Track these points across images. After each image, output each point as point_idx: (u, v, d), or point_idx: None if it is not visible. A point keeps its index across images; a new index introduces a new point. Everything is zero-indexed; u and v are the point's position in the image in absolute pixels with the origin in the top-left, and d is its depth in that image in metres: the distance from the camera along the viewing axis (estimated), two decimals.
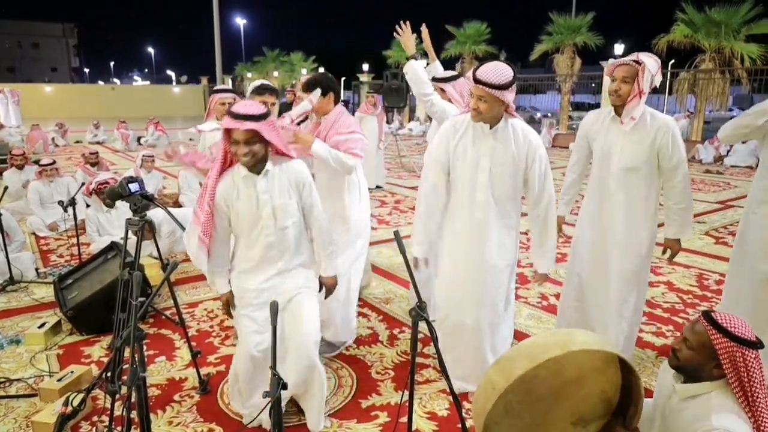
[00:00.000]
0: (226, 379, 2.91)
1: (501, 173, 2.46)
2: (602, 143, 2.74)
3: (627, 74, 2.52)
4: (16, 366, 3.08)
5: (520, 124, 2.48)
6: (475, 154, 2.46)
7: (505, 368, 1.69)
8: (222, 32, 19.00)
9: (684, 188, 2.69)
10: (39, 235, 5.87)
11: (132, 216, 2.67)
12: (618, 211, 2.73)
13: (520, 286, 4.35)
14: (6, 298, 4.09)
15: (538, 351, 1.66)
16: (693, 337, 1.67)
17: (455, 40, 21.12)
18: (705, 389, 1.67)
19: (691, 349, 1.67)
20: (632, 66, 2.51)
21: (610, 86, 2.60)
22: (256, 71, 34.55)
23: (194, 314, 3.81)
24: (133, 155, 11.92)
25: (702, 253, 5.30)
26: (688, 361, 1.68)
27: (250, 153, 2.13)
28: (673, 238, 2.83)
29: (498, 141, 2.44)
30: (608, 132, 2.71)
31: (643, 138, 2.61)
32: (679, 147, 2.62)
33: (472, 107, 2.36)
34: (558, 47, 18.22)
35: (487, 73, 2.26)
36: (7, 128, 15.88)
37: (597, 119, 2.80)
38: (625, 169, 2.66)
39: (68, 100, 31.23)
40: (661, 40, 15.03)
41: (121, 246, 3.75)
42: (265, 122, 2.11)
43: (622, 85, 2.54)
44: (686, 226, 2.79)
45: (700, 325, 1.68)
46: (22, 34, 64.77)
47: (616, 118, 2.67)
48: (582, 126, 2.89)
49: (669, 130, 2.58)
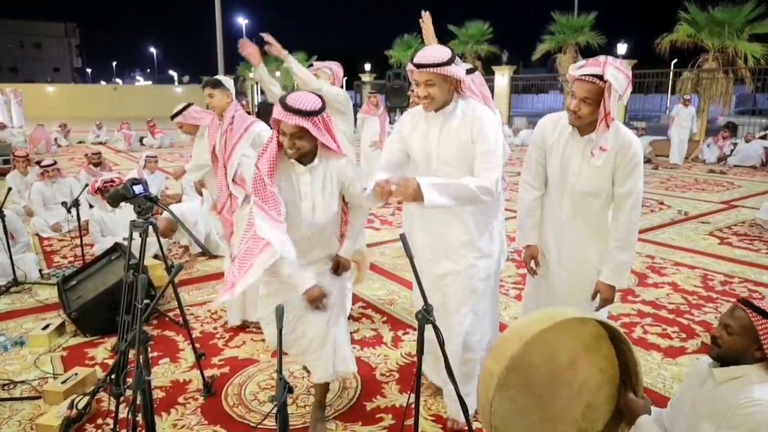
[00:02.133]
0: (230, 381, 2.92)
1: (450, 158, 2.24)
2: (558, 159, 2.31)
3: (588, 94, 2.08)
4: (20, 368, 3.08)
5: (473, 104, 2.27)
6: (427, 142, 2.29)
7: (498, 353, 1.73)
8: (224, 32, 19.00)
9: (628, 223, 2.23)
10: (42, 236, 5.87)
11: (136, 218, 2.66)
12: (573, 236, 2.36)
13: (524, 287, 4.32)
14: (10, 299, 4.09)
15: (524, 329, 1.71)
16: (734, 322, 1.70)
17: (457, 39, 21.14)
18: (744, 371, 1.69)
19: (732, 334, 1.70)
20: (595, 84, 2.06)
21: (568, 103, 2.17)
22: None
23: (198, 315, 3.81)
24: (135, 155, 11.94)
25: (706, 253, 5.28)
26: (731, 347, 1.71)
27: (295, 147, 2.11)
28: (605, 283, 2.28)
29: (446, 124, 2.24)
30: (566, 146, 2.28)
31: (605, 162, 2.18)
32: (635, 173, 2.18)
33: (422, 96, 2.19)
34: (560, 47, 18.22)
35: (425, 56, 2.14)
36: (10, 128, 15.94)
37: (554, 128, 2.34)
38: (583, 193, 2.28)
39: (70, 100, 31.29)
40: (664, 39, 15.02)
41: (125, 247, 3.76)
42: (315, 119, 2.07)
43: (582, 105, 2.11)
44: (621, 272, 2.27)
45: (739, 311, 1.71)
46: (24, 34, 64.90)
47: (575, 133, 2.24)
48: (538, 133, 2.40)
49: (630, 150, 2.15)
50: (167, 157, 12.65)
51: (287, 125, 2.07)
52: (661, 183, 9.58)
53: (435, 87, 2.16)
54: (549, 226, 2.46)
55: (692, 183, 9.69)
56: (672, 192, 8.74)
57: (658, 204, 7.69)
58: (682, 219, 6.75)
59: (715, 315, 3.77)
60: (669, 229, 6.25)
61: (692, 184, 9.53)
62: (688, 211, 7.17)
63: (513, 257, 4.99)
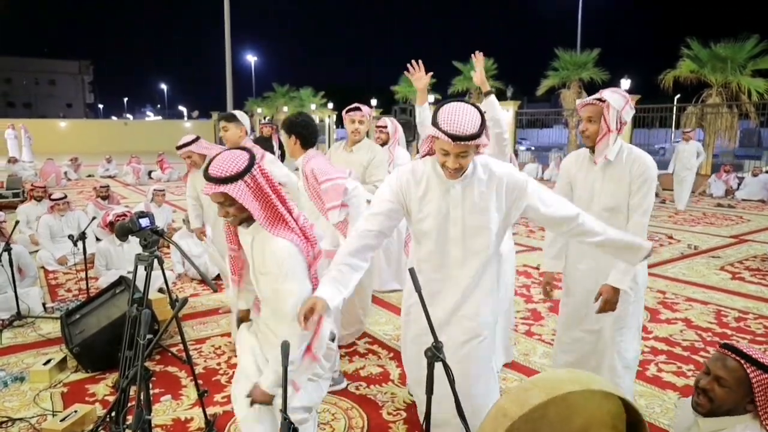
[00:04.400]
0: (233, 419, 2.83)
1: (474, 225, 2.08)
2: (582, 184, 2.64)
3: (592, 114, 2.46)
4: (20, 404, 3.01)
5: (481, 159, 2.07)
6: (445, 205, 2.08)
7: (520, 397, 1.64)
8: (233, 68, 19.42)
9: (637, 229, 2.44)
10: (48, 269, 5.86)
11: (142, 251, 2.64)
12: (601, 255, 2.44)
13: (534, 322, 4.25)
14: (12, 333, 4.05)
15: (555, 384, 1.61)
16: (728, 374, 1.58)
17: (462, 75, 21.49)
18: (731, 422, 1.58)
19: (725, 387, 1.58)
20: (596, 105, 2.46)
21: (580, 128, 2.54)
22: (266, 106, 35.17)
23: (201, 351, 3.74)
24: (144, 189, 12.03)
25: (719, 288, 5.18)
26: (723, 401, 1.59)
27: (228, 215, 1.97)
28: (610, 285, 2.44)
29: (470, 186, 2.05)
30: (588, 172, 2.62)
31: (621, 176, 2.50)
32: (647, 185, 2.45)
33: (452, 168, 1.94)
34: (564, 82, 18.47)
35: (462, 125, 1.84)
36: (21, 162, 16.18)
37: (576, 160, 2.70)
38: (607, 209, 2.53)
39: (82, 135, 31.81)
40: (667, 75, 15.21)
41: (129, 281, 3.73)
42: (235, 184, 1.86)
43: (589, 125, 2.48)
44: (626, 274, 2.42)
45: (732, 361, 1.59)
46: (39, 71, 66.80)
47: (593, 158, 2.57)
48: (563, 168, 2.75)
49: (644, 168, 2.46)
50: (175, 191, 12.74)
51: (211, 196, 1.92)
52: (669, 217, 9.51)
53: (467, 158, 1.94)
54: (576, 247, 2.67)
55: (701, 217, 9.62)
56: (681, 226, 8.67)
57: (668, 238, 7.61)
58: (692, 253, 6.67)
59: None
60: (679, 264, 6.17)
61: (701, 218, 9.46)
62: (698, 245, 7.09)
63: (522, 292, 4.92)
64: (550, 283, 2.81)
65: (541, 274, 2.82)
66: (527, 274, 5.59)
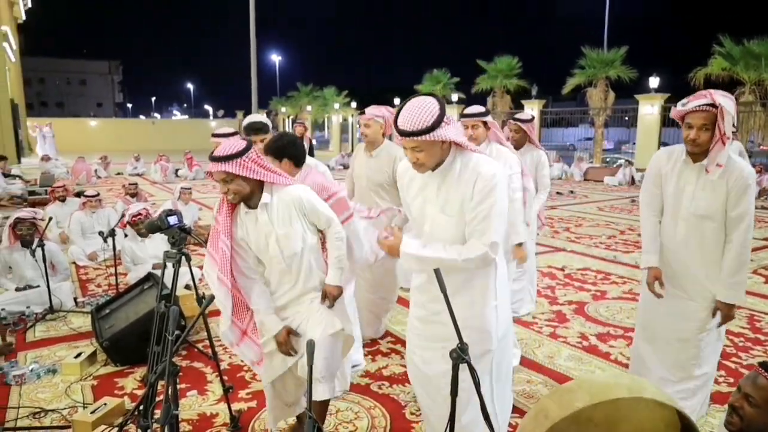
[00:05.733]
0: (257, 416, 2.87)
1: (446, 222, 2.02)
2: (674, 186, 2.56)
3: (706, 121, 2.33)
4: (52, 396, 3.10)
5: (474, 158, 1.99)
6: (422, 200, 2.09)
7: (564, 398, 1.59)
8: (258, 68, 19.62)
9: (743, 244, 2.44)
10: (79, 264, 6.00)
11: (170, 248, 2.69)
12: (689, 259, 2.56)
13: (559, 324, 4.19)
14: (45, 326, 4.17)
15: (602, 389, 1.55)
16: (757, 393, 1.53)
17: (486, 74, 21.32)
18: None
19: (755, 406, 1.53)
20: (710, 111, 2.32)
21: (686, 134, 2.40)
22: (290, 105, 35.43)
23: (226, 347, 3.78)
24: (171, 187, 12.25)
25: (751, 292, 5.04)
26: (753, 419, 1.54)
27: (230, 192, 2.19)
28: (724, 302, 2.52)
29: (444, 183, 2.01)
30: (681, 174, 2.53)
31: (718, 184, 2.42)
32: (747, 197, 2.41)
33: (411, 161, 1.98)
34: (590, 81, 18.16)
35: (408, 121, 1.86)
36: (53, 161, 16.63)
37: (669, 159, 2.60)
38: (697, 216, 2.49)
39: (111, 133, 32.57)
40: (698, 73, 14.85)
41: (157, 277, 3.80)
42: (235, 161, 2.13)
43: (701, 133, 2.35)
44: (738, 290, 2.51)
45: (763, 379, 1.54)
46: (71, 72, 68.64)
47: (689, 161, 2.49)
48: (653, 166, 2.67)
49: (743, 176, 2.39)
50: (201, 189, 12.94)
51: (214, 173, 2.18)
52: None
53: (423, 152, 1.93)
54: (665, 246, 2.64)
55: None
56: None
57: None
58: None
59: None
60: None
61: None
62: None
63: (547, 293, 4.86)
64: (659, 278, 2.67)
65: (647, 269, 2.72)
66: (552, 275, 5.52)
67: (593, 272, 5.69)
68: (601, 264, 6.03)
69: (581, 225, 8.58)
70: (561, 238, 7.45)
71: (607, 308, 4.57)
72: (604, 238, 7.49)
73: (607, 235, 7.76)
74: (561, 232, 7.80)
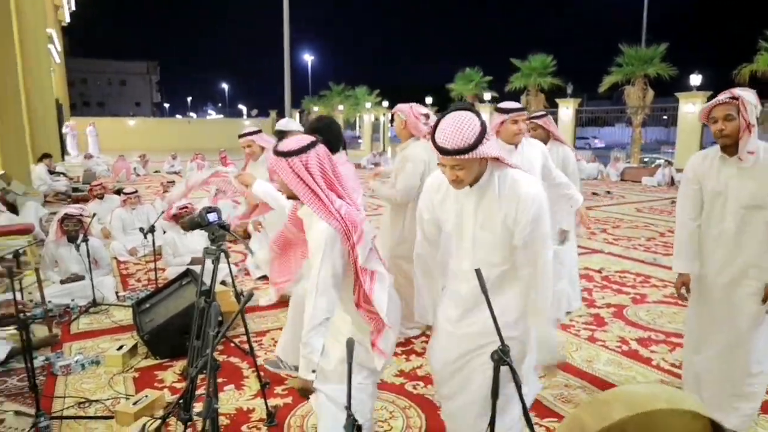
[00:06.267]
0: (293, 412, 2.90)
1: (488, 238, 2.01)
2: (714, 184, 2.57)
3: (729, 111, 2.40)
4: (95, 387, 3.20)
5: (510, 174, 1.95)
6: (457, 216, 2.05)
7: (600, 410, 1.54)
8: (291, 68, 19.82)
9: None
10: (120, 259, 6.18)
11: (209, 245, 2.73)
12: (741, 252, 2.54)
13: (597, 328, 4.10)
14: (89, 319, 4.30)
15: (640, 400, 1.50)
16: None
17: (520, 72, 21.02)
18: None
19: None
20: (730, 103, 2.40)
21: (714, 129, 2.46)
22: (322, 105, 35.70)
23: (262, 343, 3.84)
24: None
25: None
26: None
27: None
28: None
29: (483, 200, 1.98)
30: (720, 172, 2.55)
31: (761, 174, 2.45)
32: None
33: (450, 179, 1.93)
34: (628, 79, 17.71)
35: (449, 139, 1.80)
36: (95, 158, 17.19)
37: (704, 160, 2.64)
38: (746, 207, 2.49)
39: (149, 132, 33.40)
40: (743, 69, 14.32)
41: (195, 273, 3.88)
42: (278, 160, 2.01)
43: (727, 123, 2.41)
44: None
45: None
46: (111, 72, 70.88)
47: (725, 158, 2.52)
48: (689, 169, 2.70)
49: None
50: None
51: None
52: None
53: (464, 170, 1.88)
54: (710, 246, 2.63)
55: None
56: None
57: None
58: None
59: None
60: None
61: None
62: None
63: (584, 296, 4.76)
64: (687, 284, 2.73)
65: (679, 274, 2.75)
66: (589, 278, 5.40)
67: (632, 275, 5.54)
68: (640, 267, 5.87)
69: (619, 226, 8.37)
70: (598, 239, 7.28)
71: (647, 312, 4.44)
72: (643, 240, 7.29)
73: (646, 237, 7.55)
74: (598, 234, 7.62)
